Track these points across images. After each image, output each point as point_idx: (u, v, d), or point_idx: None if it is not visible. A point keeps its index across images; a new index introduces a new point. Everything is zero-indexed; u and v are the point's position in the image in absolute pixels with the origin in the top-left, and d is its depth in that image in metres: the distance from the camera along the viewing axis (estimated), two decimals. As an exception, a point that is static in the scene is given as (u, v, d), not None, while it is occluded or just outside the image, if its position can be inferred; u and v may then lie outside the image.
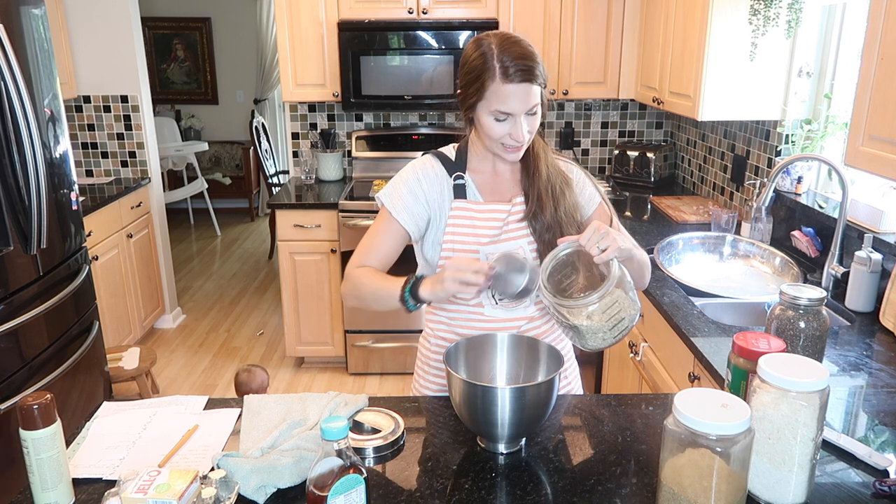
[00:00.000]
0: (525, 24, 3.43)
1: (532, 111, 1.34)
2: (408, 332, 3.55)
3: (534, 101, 1.33)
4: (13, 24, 2.35)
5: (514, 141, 1.36)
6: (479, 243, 1.43)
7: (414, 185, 1.47)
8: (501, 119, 1.34)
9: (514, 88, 1.30)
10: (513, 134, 1.35)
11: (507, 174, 1.50)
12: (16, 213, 2.35)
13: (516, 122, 1.34)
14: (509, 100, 1.31)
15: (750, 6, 2.45)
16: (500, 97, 1.32)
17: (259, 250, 6.00)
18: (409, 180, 1.48)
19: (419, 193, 1.46)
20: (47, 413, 1.04)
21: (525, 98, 1.32)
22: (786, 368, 1.02)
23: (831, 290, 2.06)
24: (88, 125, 3.99)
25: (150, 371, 3.31)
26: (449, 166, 1.48)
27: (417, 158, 1.52)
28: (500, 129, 1.35)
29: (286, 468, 1.11)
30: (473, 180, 1.48)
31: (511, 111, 1.32)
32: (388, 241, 1.48)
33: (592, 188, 1.52)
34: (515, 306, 1.48)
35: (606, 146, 3.97)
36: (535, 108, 1.34)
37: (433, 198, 1.47)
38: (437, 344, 1.57)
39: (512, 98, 1.31)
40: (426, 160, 1.51)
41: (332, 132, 3.85)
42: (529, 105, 1.33)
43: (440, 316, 1.56)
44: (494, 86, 1.31)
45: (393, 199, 1.47)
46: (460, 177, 1.47)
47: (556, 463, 1.20)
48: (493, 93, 1.32)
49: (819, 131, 2.50)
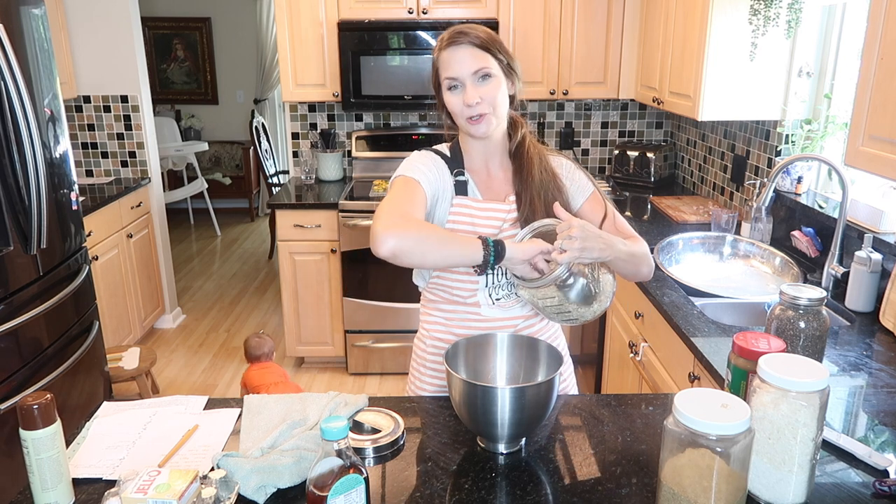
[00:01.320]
0: (525, 24, 3.43)
1: (483, 75, 1.37)
2: (408, 332, 3.55)
3: (481, 64, 1.36)
4: (13, 24, 2.35)
5: (468, 108, 1.37)
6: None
7: (430, 164, 1.45)
8: (453, 87, 1.38)
9: (452, 52, 1.37)
10: (465, 98, 1.37)
11: (500, 175, 1.49)
12: (16, 213, 2.35)
13: (466, 88, 1.37)
14: (450, 64, 1.37)
15: (750, 6, 2.45)
16: (445, 63, 1.38)
17: (259, 250, 6.00)
18: (424, 161, 1.45)
19: (434, 172, 1.44)
20: (47, 413, 1.04)
21: (466, 60, 1.36)
22: (786, 368, 1.02)
23: (831, 290, 2.06)
24: (88, 125, 3.99)
25: (150, 371, 3.31)
26: (448, 163, 1.48)
27: (419, 151, 1.49)
28: (455, 100, 1.39)
29: (286, 468, 1.11)
30: (472, 180, 1.48)
31: (455, 75, 1.37)
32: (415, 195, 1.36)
33: (584, 178, 1.50)
34: (512, 305, 1.48)
35: (606, 146, 3.97)
36: (482, 71, 1.36)
37: (439, 186, 1.45)
38: (432, 345, 1.56)
39: (452, 62, 1.37)
40: (430, 153, 1.48)
41: (332, 132, 3.85)
42: (472, 67, 1.36)
43: (436, 316, 1.55)
44: (442, 55, 1.39)
45: (408, 168, 1.43)
46: (461, 173, 1.47)
47: (556, 463, 1.20)
48: (441, 62, 1.39)
49: (819, 131, 2.50)
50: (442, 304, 1.53)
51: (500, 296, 1.48)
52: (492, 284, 1.47)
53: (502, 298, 1.48)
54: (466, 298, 1.48)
